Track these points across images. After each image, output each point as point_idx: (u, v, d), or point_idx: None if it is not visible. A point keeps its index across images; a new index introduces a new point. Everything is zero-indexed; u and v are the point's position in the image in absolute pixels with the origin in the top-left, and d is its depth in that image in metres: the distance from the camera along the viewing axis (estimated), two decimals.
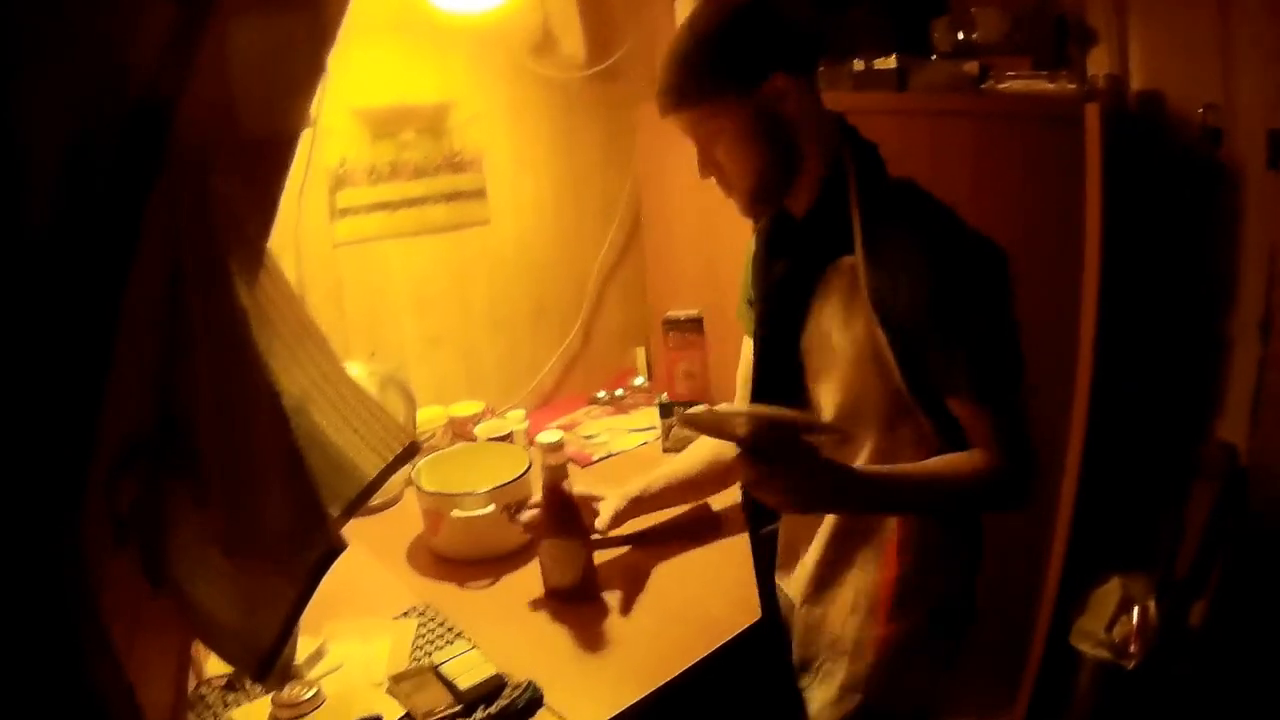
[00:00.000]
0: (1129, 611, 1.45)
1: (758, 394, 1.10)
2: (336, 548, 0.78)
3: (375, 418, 0.91)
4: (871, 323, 0.95)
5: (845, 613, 1.06)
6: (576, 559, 1.16)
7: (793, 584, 1.14)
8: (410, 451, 0.94)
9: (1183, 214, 1.58)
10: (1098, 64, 1.64)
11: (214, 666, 1.07)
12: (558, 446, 1.11)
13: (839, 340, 0.99)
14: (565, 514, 1.14)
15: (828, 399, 1.03)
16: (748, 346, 1.20)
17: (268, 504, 0.76)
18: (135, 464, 0.74)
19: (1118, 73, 1.62)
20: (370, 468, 0.90)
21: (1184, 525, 1.49)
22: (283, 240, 1.55)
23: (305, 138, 1.54)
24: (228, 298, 0.74)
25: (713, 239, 1.85)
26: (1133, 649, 1.42)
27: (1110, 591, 1.48)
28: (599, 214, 2.04)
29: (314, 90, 0.84)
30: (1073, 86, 1.52)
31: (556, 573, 1.17)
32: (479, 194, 1.83)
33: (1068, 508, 1.43)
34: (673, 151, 1.86)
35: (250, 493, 0.78)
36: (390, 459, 0.91)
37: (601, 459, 1.70)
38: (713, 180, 1.04)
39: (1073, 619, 1.49)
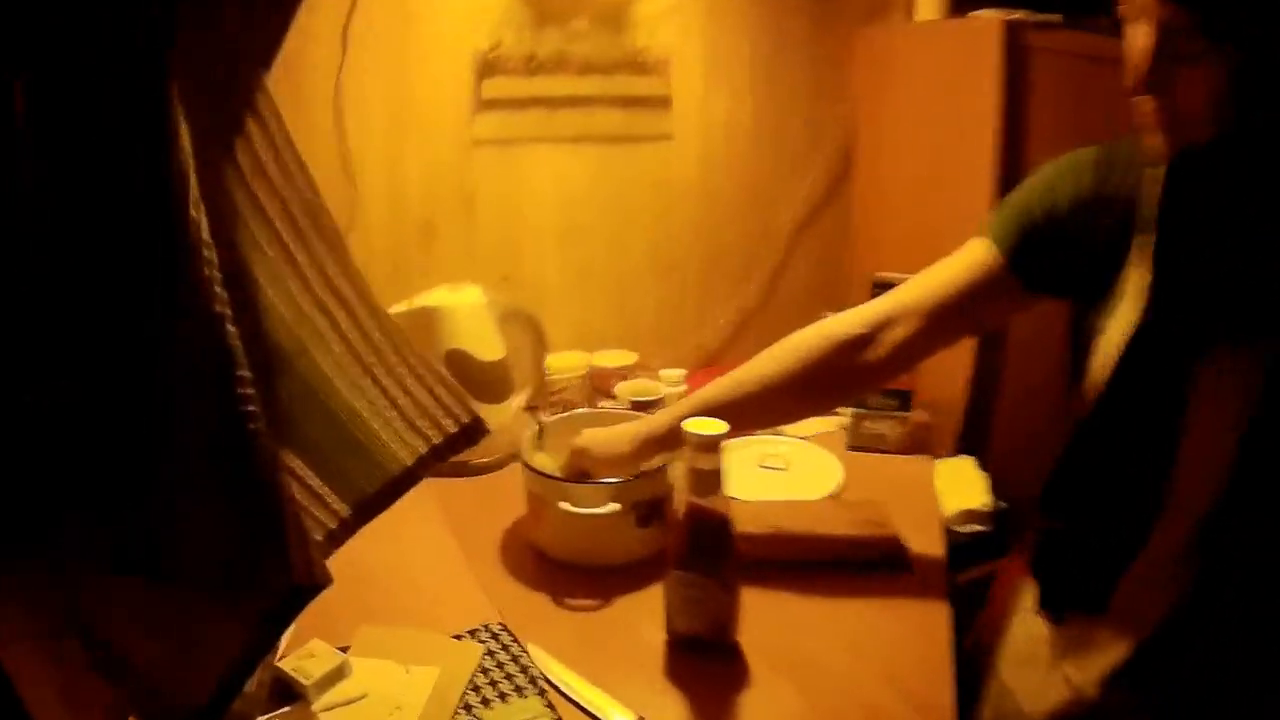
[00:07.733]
0: None
1: (1112, 403, 0.73)
2: (305, 585, 0.47)
3: (422, 377, 0.58)
4: None
5: None
6: (713, 602, 0.81)
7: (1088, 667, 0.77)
8: (472, 433, 0.61)
9: None
10: None
11: None
12: (713, 444, 0.74)
13: None
14: (708, 541, 0.79)
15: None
16: (977, 248, 0.88)
17: (197, 504, 0.47)
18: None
19: None
20: (405, 452, 0.58)
21: None
22: (405, 129, 1.29)
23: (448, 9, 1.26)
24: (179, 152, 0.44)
25: (937, 196, 1.49)
26: None
27: None
28: (803, 149, 1.67)
29: None
30: None
31: (684, 615, 0.84)
32: (662, 103, 1.50)
33: None
34: (897, 86, 1.56)
35: (179, 487, 0.48)
36: (438, 441, 0.60)
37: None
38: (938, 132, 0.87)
39: None
